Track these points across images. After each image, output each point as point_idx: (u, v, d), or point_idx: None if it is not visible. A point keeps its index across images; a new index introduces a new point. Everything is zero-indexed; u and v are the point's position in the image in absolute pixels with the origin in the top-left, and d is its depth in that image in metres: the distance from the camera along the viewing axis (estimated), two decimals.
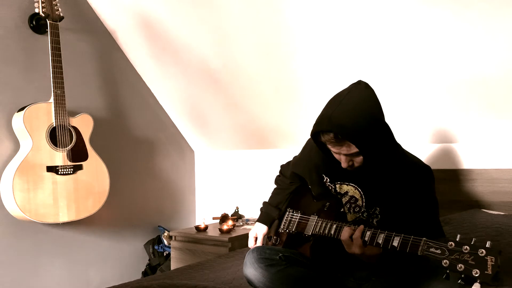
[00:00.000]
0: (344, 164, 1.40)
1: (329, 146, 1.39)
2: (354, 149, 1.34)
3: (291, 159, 1.85)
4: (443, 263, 1.10)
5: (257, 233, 1.74)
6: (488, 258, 1.05)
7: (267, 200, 1.81)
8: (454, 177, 2.19)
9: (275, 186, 1.85)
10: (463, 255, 1.08)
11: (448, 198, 2.15)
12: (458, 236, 1.13)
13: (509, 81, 1.87)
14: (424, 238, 1.17)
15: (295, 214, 1.62)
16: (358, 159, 1.39)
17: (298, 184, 1.74)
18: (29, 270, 2.43)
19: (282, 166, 1.88)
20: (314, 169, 1.60)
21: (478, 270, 1.04)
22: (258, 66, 2.49)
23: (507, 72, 1.85)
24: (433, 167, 1.52)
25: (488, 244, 1.07)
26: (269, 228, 1.73)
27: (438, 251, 1.12)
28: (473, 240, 1.10)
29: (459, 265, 1.07)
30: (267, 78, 2.53)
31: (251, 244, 1.74)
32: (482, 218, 1.89)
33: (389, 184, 1.44)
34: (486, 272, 1.04)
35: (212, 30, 2.45)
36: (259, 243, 1.71)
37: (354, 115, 1.31)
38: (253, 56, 2.45)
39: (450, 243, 1.11)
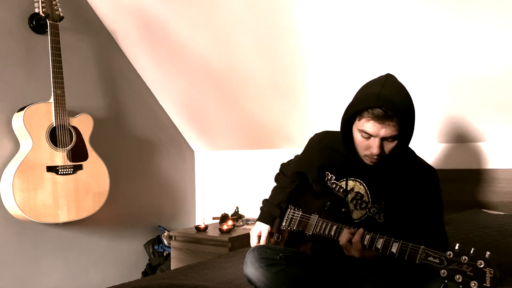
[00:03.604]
0: (375, 150, 1.34)
1: (369, 126, 1.33)
2: (394, 131, 1.32)
3: (291, 158, 1.85)
4: (441, 273, 1.09)
5: (261, 230, 1.71)
6: (487, 270, 1.04)
7: (267, 198, 1.80)
8: (455, 177, 2.18)
9: (275, 184, 1.85)
10: (461, 265, 1.07)
11: (448, 198, 2.14)
12: (457, 245, 1.12)
13: (510, 81, 1.87)
14: (422, 246, 1.16)
15: (296, 212, 1.61)
16: (390, 146, 1.36)
17: (299, 182, 1.74)
18: (29, 270, 2.43)
19: (282, 165, 1.88)
20: (316, 168, 1.61)
21: (476, 282, 1.03)
22: (259, 66, 2.49)
23: (509, 73, 1.85)
24: (434, 166, 1.53)
25: (487, 255, 1.06)
26: (272, 226, 1.72)
27: (437, 260, 1.12)
28: (472, 250, 1.09)
29: (457, 276, 1.07)
30: (267, 78, 2.53)
31: (254, 242, 1.71)
32: (482, 218, 1.89)
33: (393, 181, 1.45)
34: (484, 284, 1.03)
35: (212, 30, 2.45)
36: (262, 242, 1.69)
37: (401, 96, 1.33)
38: (253, 56, 2.45)
39: (448, 252, 1.10)
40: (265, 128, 2.85)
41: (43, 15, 2.28)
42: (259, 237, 1.71)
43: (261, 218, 1.75)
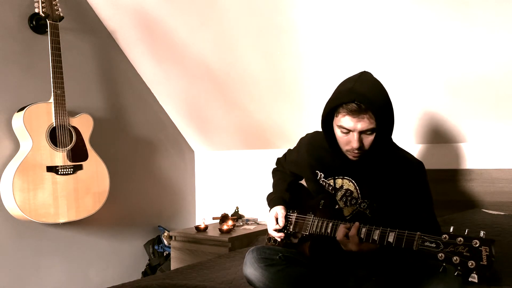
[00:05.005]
0: (355, 144, 1.37)
1: (346, 121, 1.35)
2: (371, 124, 1.34)
3: (286, 152, 1.88)
4: (438, 257, 1.10)
5: (276, 212, 1.63)
6: (483, 248, 1.05)
7: (272, 192, 1.78)
8: (454, 177, 2.18)
9: (276, 177, 1.85)
10: (457, 247, 1.08)
11: (448, 198, 2.15)
12: (452, 227, 1.13)
13: (509, 81, 1.87)
14: (418, 233, 1.17)
15: (292, 214, 1.62)
16: (369, 139, 1.38)
17: (294, 180, 1.78)
18: (29, 270, 2.43)
19: (279, 159, 1.91)
20: (308, 168, 1.62)
21: (473, 262, 1.04)
22: (258, 67, 2.49)
23: (507, 73, 1.85)
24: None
25: (481, 234, 1.07)
26: (286, 208, 1.66)
27: (433, 245, 1.13)
28: (466, 231, 1.10)
29: (454, 258, 1.08)
30: (267, 79, 2.53)
31: (272, 225, 1.62)
32: (482, 218, 1.90)
33: (382, 177, 1.47)
34: (481, 263, 1.04)
35: (212, 30, 2.45)
36: (280, 221, 1.61)
37: (375, 90, 1.36)
38: (253, 56, 2.45)
39: (444, 235, 1.12)
40: (265, 128, 2.85)
41: (43, 15, 2.28)
42: (277, 219, 1.63)
43: (273, 204, 1.69)
